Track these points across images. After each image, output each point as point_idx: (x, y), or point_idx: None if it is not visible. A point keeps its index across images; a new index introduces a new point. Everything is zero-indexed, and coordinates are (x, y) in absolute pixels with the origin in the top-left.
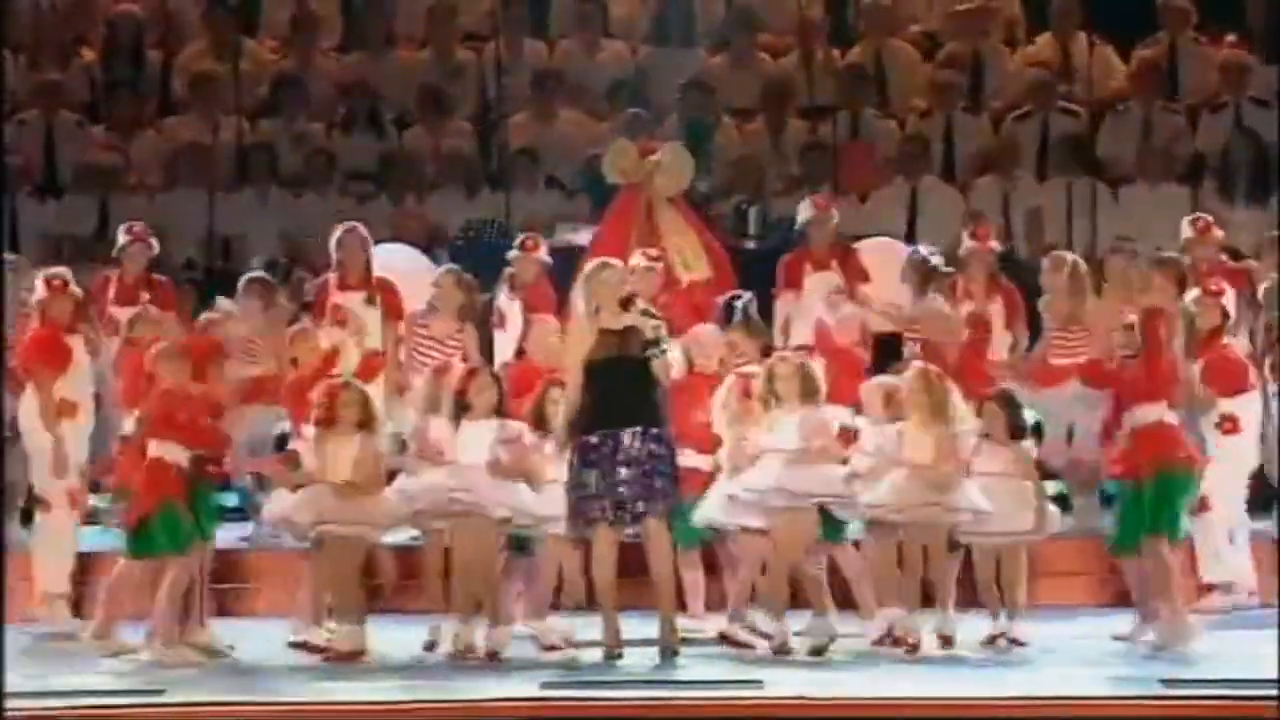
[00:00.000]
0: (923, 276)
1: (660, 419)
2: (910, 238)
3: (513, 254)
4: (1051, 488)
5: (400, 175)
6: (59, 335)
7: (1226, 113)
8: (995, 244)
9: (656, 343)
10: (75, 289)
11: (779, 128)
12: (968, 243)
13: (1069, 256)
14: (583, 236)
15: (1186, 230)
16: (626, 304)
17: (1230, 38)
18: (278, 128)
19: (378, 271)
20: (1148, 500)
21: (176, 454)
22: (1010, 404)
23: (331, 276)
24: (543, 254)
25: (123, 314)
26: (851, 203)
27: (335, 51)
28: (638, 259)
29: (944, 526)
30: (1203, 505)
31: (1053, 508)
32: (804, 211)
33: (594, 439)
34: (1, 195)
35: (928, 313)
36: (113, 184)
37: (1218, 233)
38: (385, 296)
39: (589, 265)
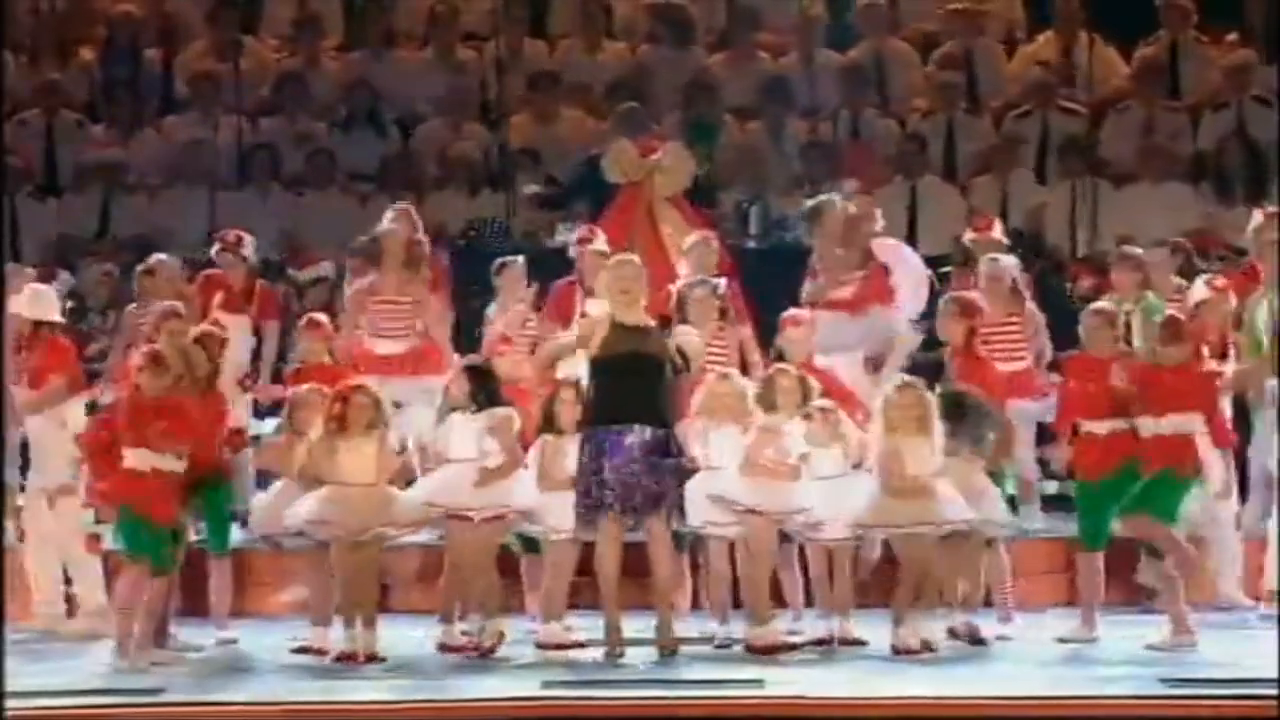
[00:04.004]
0: None
1: (668, 418)
2: (910, 237)
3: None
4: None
5: (401, 175)
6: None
7: (1228, 112)
8: (999, 233)
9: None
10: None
11: (779, 127)
12: (970, 235)
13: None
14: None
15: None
16: (645, 330)
17: (1231, 36)
18: (279, 127)
19: None
20: (1152, 492)
21: (155, 461)
22: (963, 404)
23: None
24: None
25: (229, 321)
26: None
27: (336, 50)
28: (692, 237)
29: (934, 536)
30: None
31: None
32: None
33: (599, 433)
34: (1, 195)
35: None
36: (113, 183)
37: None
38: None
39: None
